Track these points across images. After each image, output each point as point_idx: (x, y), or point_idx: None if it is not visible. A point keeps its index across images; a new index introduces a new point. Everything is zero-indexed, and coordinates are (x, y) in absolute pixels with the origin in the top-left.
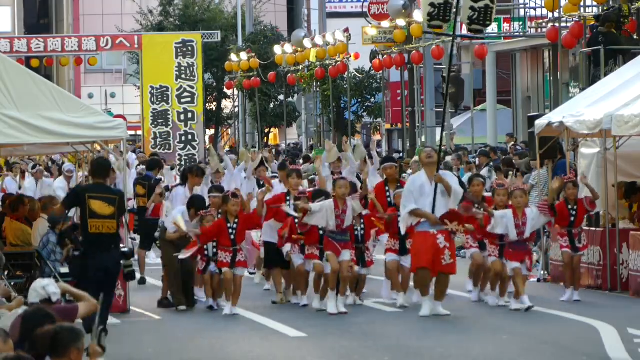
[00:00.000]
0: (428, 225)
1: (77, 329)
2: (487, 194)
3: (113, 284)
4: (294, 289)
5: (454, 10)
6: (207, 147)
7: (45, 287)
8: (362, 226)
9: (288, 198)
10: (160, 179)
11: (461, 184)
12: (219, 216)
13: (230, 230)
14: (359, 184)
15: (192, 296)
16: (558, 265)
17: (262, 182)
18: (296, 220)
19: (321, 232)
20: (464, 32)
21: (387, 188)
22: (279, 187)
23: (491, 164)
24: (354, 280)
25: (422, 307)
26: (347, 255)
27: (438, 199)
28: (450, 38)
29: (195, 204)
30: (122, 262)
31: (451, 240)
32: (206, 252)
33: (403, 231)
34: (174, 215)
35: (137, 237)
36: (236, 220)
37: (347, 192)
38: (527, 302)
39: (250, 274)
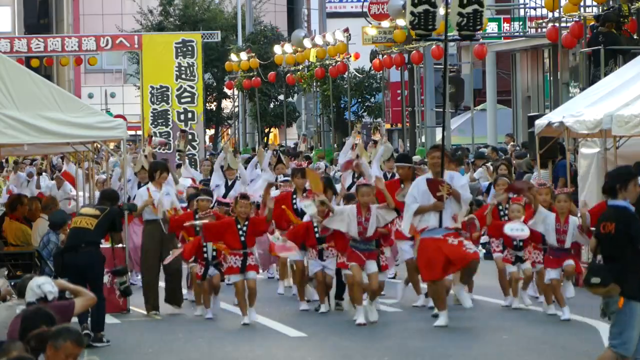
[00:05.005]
0: (434, 232)
1: (60, 328)
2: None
3: None
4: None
5: (445, 13)
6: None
7: (41, 286)
8: None
9: (294, 196)
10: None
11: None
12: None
13: (241, 233)
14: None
15: (181, 297)
16: None
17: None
18: (315, 225)
19: None
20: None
21: (402, 186)
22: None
23: (488, 164)
24: None
25: (439, 318)
26: (373, 266)
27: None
28: (450, 39)
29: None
30: None
31: (461, 236)
32: (205, 255)
33: (407, 233)
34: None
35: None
36: (246, 223)
37: (370, 200)
38: (567, 313)
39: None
